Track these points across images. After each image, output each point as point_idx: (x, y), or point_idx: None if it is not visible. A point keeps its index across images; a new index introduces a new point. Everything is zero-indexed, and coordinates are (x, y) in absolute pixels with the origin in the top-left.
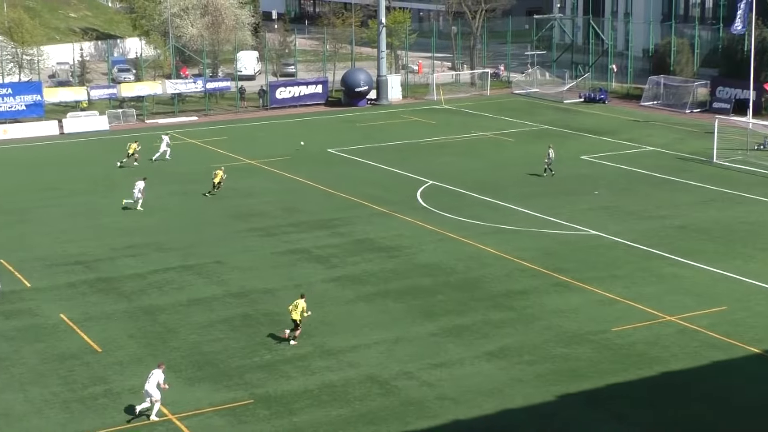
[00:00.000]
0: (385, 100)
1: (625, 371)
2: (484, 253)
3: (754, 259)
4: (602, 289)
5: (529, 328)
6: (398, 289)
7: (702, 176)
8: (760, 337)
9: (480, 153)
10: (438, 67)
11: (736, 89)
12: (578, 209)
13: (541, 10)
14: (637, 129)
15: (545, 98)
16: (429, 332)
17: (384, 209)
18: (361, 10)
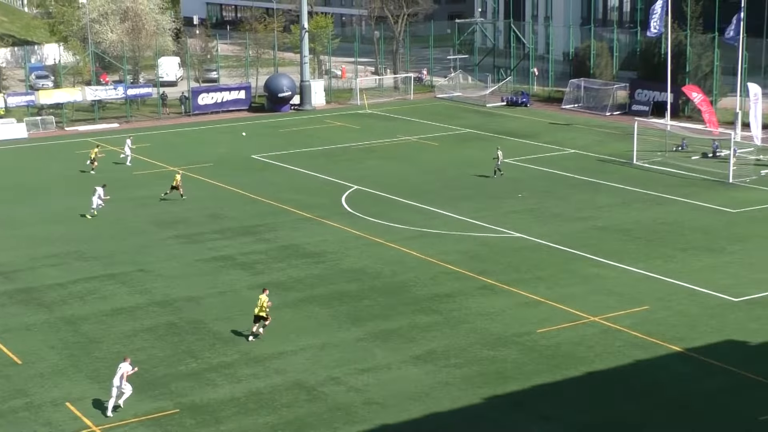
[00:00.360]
0: (309, 106)
1: (550, 372)
2: (410, 257)
3: (674, 258)
4: (527, 291)
5: (455, 332)
6: (324, 294)
7: (623, 178)
8: (681, 336)
9: (404, 157)
10: (361, 72)
11: (654, 92)
12: (502, 212)
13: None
14: (559, 132)
15: (468, 102)
16: (356, 337)
17: (309, 215)
18: (283, 15)
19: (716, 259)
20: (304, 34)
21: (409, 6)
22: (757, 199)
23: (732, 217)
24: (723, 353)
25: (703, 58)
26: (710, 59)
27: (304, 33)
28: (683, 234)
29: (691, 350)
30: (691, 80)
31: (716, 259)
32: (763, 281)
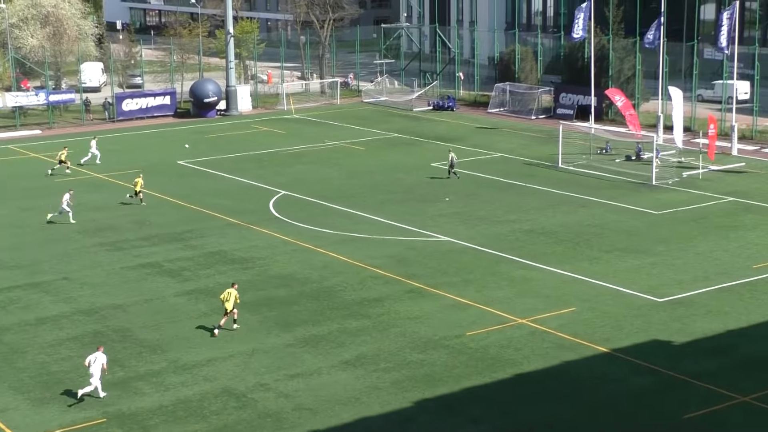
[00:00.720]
0: (235, 111)
1: (479, 375)
2: (338, 262)
3: (599, 260)
4: (455, 294)
5: (385, 336)
6: (253, 300)
7: (548, 181)
8: (607, 336)
9: (332, 162)
10: (287, 77)
11: (578, 95)
12: (429, 215)
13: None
14: (485, 135)
15: (395, 106)
16: (285, 343)
17: (237, 221)
18: (208, 20)
19: (640, 261)
20: (229, 39)
21: (334, 11)
22: (679, 200)
23: (655, 219)
24: (648, 353)
25: (625, 62)
26: (632, 63)
27: (229, 38)
28: (608, 236)
29: (618, 350)
30: (614, 84)
31: (640, 261)
32: (685, 281)
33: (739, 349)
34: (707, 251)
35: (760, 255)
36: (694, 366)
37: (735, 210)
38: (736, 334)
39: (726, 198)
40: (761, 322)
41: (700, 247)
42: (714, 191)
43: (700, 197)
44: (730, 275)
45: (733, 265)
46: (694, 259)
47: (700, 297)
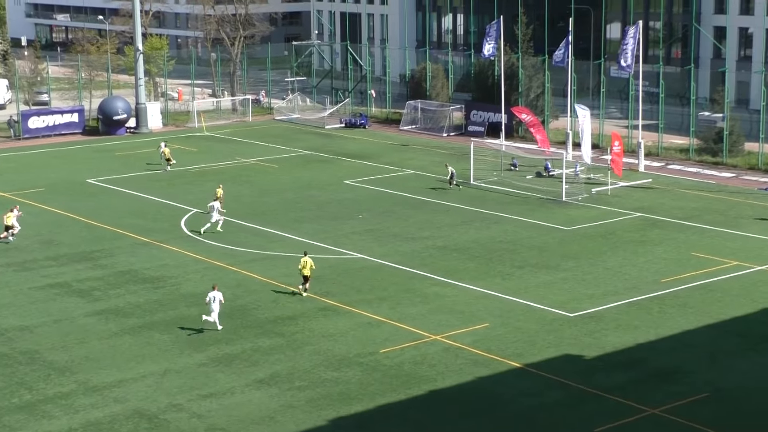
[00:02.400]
0: (145, 128)
1: (394, 392)
2: (251, 280)
3: (512, 276)
4: (369, 312)
5: (299, 354)
6: (164, 320)
7: (460, 197)
8: (520, 352)
9: (244, 180)
10: (198, 94)
11: (488, 113)
12: (343, 233)
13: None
14: (397, 153)
15: (307, 124)
16: (197, 362)
17: (147, 239)
18: (116, 36)
19: (552, 276)
20: (138, 55)
21: (245, 28)
22: (588, 216)
23: (566, 235)
24: (560, 367)
25: (534, 80)
26: (541, 81)
27: (138, 55)
28: (520, 252)
29: (530, 365)
30: (524, 101)
31: (552, 276)
32: (596, 296)
33: (648, 363)
34: (616, 266)
35: (668, 269)
36: (604, 380)
37: (643, 225)
38: (645, 347)
39: (634, 214)
40: (669, 335)
41: (609, 262)
42: (622, 207)
43: (609, 213)
44: (639, 290)
45: (642, 279)
46: (603, 274)
47: (610, 311)
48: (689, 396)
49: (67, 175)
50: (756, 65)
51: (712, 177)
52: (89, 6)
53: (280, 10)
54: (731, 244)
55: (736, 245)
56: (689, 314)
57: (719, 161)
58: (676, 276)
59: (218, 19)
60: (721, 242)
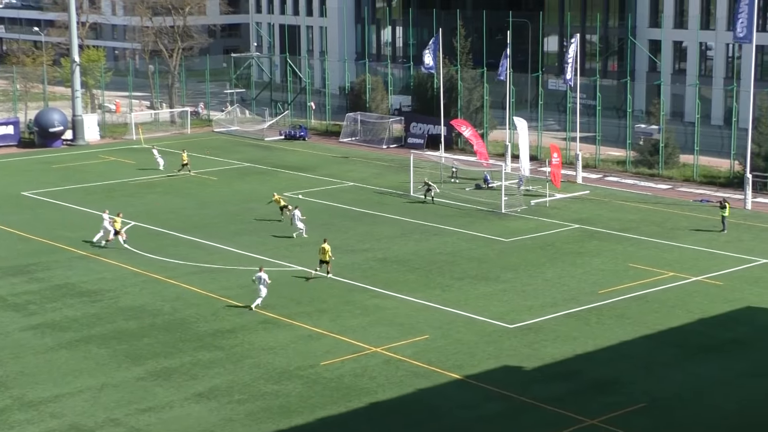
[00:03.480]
0: (82, 141)
1: (334, 404)
2: (190, 293)
3: (451, 288)
4: (309, 324)
5: (238, 367)
6: (102, 334)
7: (401, 209)
8: (460, 363)
9: (183, 192)
10: (136, 106)
11: (428, 125)
12: (283, 245)
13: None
14: (337, 165)
15: (246, 136)
16: (136, 376)
17: (85, 252)
18: (52, 48)
19: (491, 288)
20: (75, 67)
21: (183, 40)
22: (527, 228)
23: (505, 246)
24: (500, 379)
25: (473, 93)
26: (480, 94)
27: (75, 66)
28: (460, 263)
29: (470, 377)
30: (464, 114)
31: (491, 288)
32: (535, 307)
33: (586, 373)
34: (555, 277)
35: (606, 281)
36: (543, 391)
37: (581, 237)
38: (583, 358)
39: (572, 225)
40: (607, 346)
41: (548, 273)
42: (561, 219)
43: (548, 225)
44: (578, 301)
45: (580, 290)
46: (542, 286)
47: (549, 322)
48: (626, 406)
49: (1, 188)
50: (690, 78)
51: (649, 189)
52: (24, 17)
53: (218, 22)
54: (668, 256)
55: (673, 256)
56: (627, 325)
57: (655, 173)
58: (613, 287)
59: (156, 30)
60: (658, 253)
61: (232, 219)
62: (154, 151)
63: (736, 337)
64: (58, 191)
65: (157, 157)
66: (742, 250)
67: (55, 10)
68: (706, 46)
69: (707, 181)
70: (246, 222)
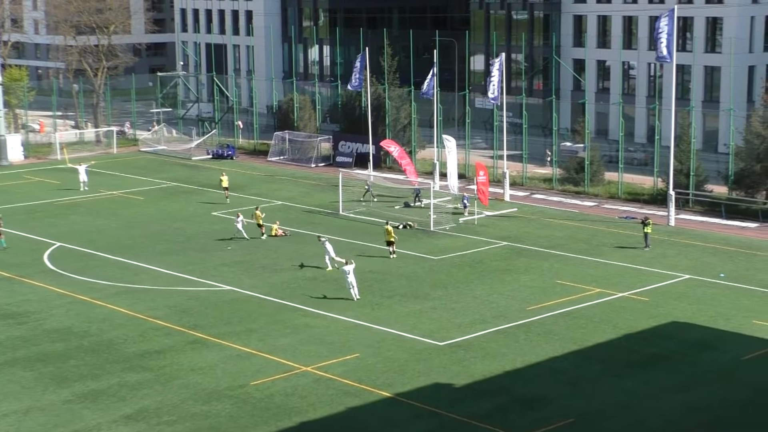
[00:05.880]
0: (5, 161)
1: (265, 424)
2: (117, 314)
3: (381, 306)
4: (239, 344)
5: (167, 388)
6: (27, 356)
7: (330, 228)
8: (390, 381)
9: (109, 212)
10: (61, 126)
11: (357, 143)
12: (211, 265)
13: (165, 68)
14: (265, 183)
15: (173, 155)
16: (62, 399)
17: (8, 274)
18: None
19: (421, 305)
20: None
21: (108, 59)
22: (456, 246)
23: (434, 264)
24: (430, 396)
25: (401, 111)
26: (408, 112)
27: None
28: (389, 281)
29: (401, 395)
30: (391, 132)
31: (421, 305)
32: (464, 325)
33: (514, 389)
34: (484, 295)
35: (533, 297)
36: (473, 407)
37: (509, 254)
38: (512, 374)
39: (500, 243)
40: (535, 362)
41: (477, 290)
42: (489, 236)
43: (476, 242)
44: (506, 317)
45: (509, 307)
46: (471, 303)
47: (479, 339)
48: (555, 422)
49: None
50: (614, 97)
51: (575, 206)
52: None
53: (144, 40)
54: (594, 272)
55: (599, 273)
56: (554, 341)
57: (581, 190)
58: (541, 304)
59: (80, 49)
60: (584, 270)
61: (159, 239)
62: (81, 168)
63: (660, 352)
64: None
65: (83, 175)
66: (666, 266)
67: None
68: (629, 65)
69: (632, 198)
70: (173, 242)
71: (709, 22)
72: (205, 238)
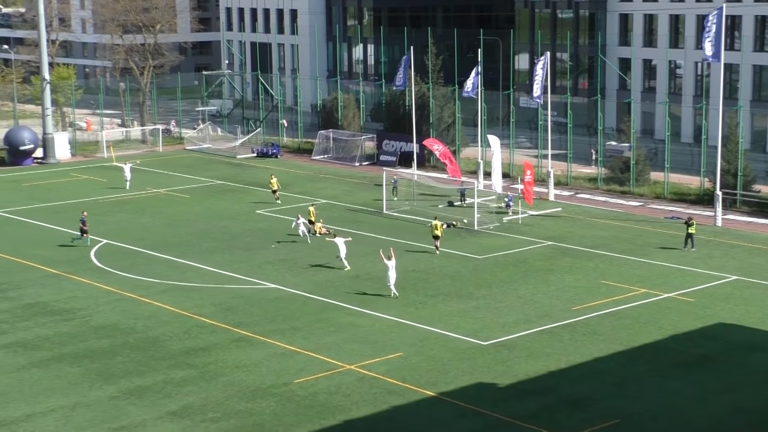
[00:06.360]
0: (53, 159)
1: (309, 422)
2: (163, 311)
3: (425, 305)
4: (283, 342)
5: (212, 385)
6: (74, 352)
7: (374, 227)
8: (434, 381)
9: (155, 210)
10: (107, 124)
11: (400, 142)
12: (256, 263)
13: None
14: (309, 182)
15: (218, 154)
16: (108, 395)
17: (56, 271)
18: (22, 66)
19: (465, 305)
20: (45, 85)
21: (154, 58)
22: (500, 245)
23: (478, 264)
24: (473, 396)
25: (445, 110)
26: (452, 111)
27: (45, 84)
28: (433, 281)
29: (444, 394)
30: (435, 131)
31: (465, 305)
32: (508, 324)
33: (559, 390)
34: (528, 294)
35: (578, 297)
36: (518, 407)
37: (553, 254)
38: (556, 374)
39: (544, 242)
40: (580, 362)
41: (521, 290)
42: (533, 236)
43: (520, 242)
44: (551, 317)
45: (553, 307)
46: (516, 303)
47: (523, 339)
48: (600, 422)
49: None
50: (660, 96)
51: (620, 206)
52: None
53: (189, 39)
54: (639, 272)
55: (644, 273)
56: (599, 341)
57: (626, 190)
58: (586, 304)
59: (127, 48)
60: (630, 270)
61: (204, 237)
62: (126, 167)
63: (707, 353)
64: (29, 209)
65: (127, 173)
66: (712, 267)
67: (25, 28)
68: (676, 64)
69: (678, 198)
70: (218, 240)
71: (758, 20)
72: (250, 236)
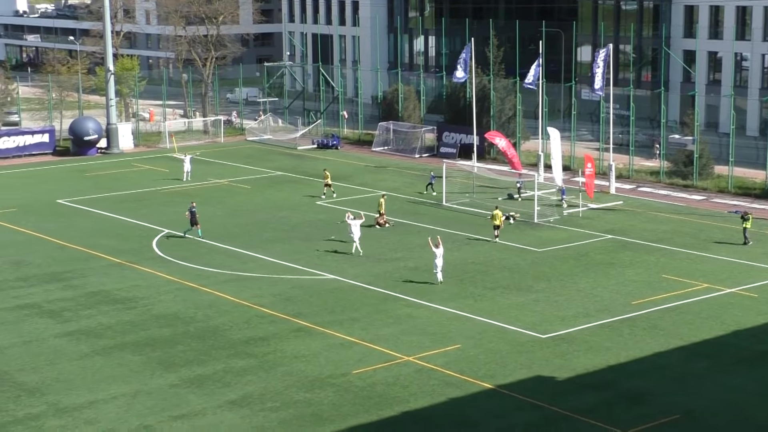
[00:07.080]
0: (117, 149)
1: (366, 413)
2: (223, 301)
3: (484, 297)
4: (341, 333)
5: (271, 375)
6: (136, 341)
7: (433, 218)
8: (492, 373)
9: (216, 200)
10: (170, 115)
11: (461, 134)
12: (315, 254)
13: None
14: (369, 174)
15: (279, 145)
16: (169, 383)
17: (119, 260)
18: (87, 57)
19: (524, 298)
20: (109, 76)
21: (216, 49)
22: (560, 238)
23: (537, 256)
24: (532, 389)
25: (506, 102)
26: (513, 103)
27: (109, 75)
28: (492, 273)
29: (502, 387)
30: (496, 123)
31: (524, 298)
32: (567, 318)
33: (618, 384)
34: (588, 288)
35: (638, 292)
36: (576, 401)
37: (614, 247)
38: (616, 369)
39: (605, 236)
40: (639, 357)
41: (581, 284)
42: (593, 229)
43: (580, 235)
44: (610, 311)
45: (613, 301)
46: (575, 296)
47: (582, 333)
48: (660, 418)
49: (37, 195)
50: (725, 89)
51: (683, 200)
52: (60, 27)
53: (251, 31)
54: (701, 267)
55: (706, 268)
56: (660, 336)
57: (689, 184)
58: (647, 298)
59: (189, 39)
60: (691, 264)
61: (265, 227)
62: (186, 158)
63: None
64: (92, 199)
65: (187, 164)
66: None
67: (90, 20)
68: (742, 56)
69: (742, 193)
70: (278, 230)
71: None
72: (309, 227)
